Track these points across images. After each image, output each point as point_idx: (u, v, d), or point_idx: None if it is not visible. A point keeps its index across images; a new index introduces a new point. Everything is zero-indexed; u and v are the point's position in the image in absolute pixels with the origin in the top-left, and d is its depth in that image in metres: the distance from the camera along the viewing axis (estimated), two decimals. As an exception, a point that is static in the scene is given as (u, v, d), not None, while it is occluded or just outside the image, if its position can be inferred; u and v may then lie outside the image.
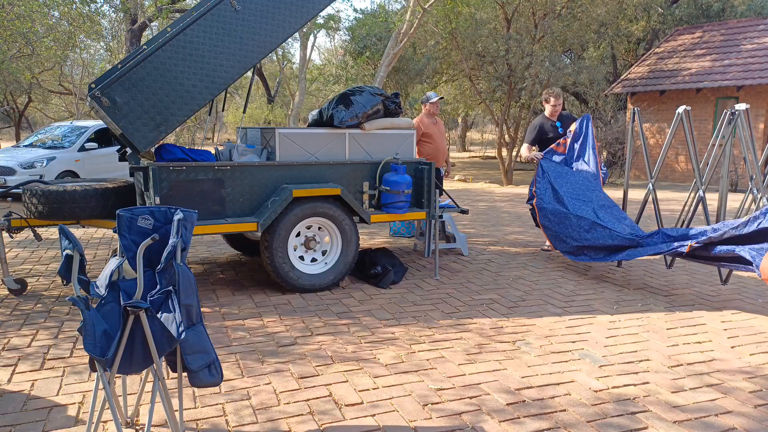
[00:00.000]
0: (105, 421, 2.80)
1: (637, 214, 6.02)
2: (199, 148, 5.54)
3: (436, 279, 5.41)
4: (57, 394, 3.08)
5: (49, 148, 10.99)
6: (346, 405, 3.00)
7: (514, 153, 15.74)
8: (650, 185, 5.89)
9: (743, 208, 5.95)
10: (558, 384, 3.27)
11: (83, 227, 7.75)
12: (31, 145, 11.39)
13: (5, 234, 6.80)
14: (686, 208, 6.00)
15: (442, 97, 7.02)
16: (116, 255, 2.66)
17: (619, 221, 5.44)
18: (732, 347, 3.84)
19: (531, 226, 8.24)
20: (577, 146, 6.17)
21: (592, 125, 6.25)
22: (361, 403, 3.02)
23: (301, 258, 4.95)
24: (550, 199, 5.92)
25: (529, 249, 6.71)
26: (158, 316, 2.40)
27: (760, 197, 5.09)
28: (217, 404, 3.00)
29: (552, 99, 6.37)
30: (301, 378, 3.31)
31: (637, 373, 3.43)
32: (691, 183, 15.42)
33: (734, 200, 11.30)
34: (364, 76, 19.42)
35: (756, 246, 4.35)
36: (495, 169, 19.50)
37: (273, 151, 4.94)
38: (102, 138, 11.30)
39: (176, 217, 2.43)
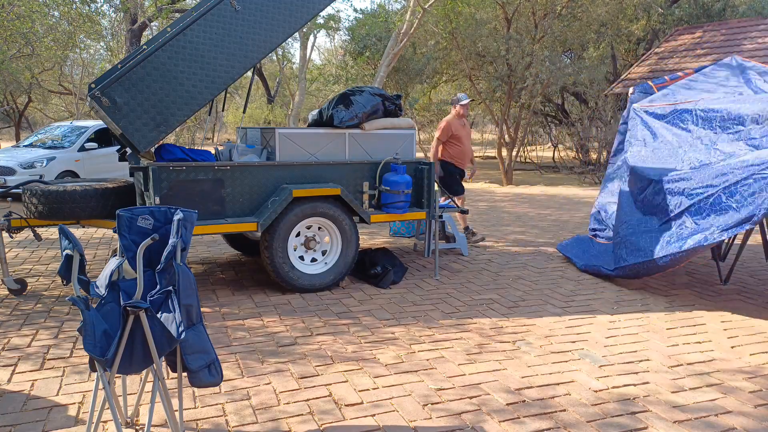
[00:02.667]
0: (105, 421, 2.80)
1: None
2: (199, 148, 5.54)
3: (436, 279, 5.41)
4: (57, 394, 3.08)
5: (49, 148, 10.99)
6: (346, 405, 3.00)
7: (514, 153, 15.74)
8: None
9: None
10: (558, 384, 3.27)
11: (83, 227, 7.75)
12: (31, 145, 11.39)
13: (5, 234, 6.79)
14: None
15: (473, 99, 7.23)
16: (116, 255, 2.66)
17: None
18: (732, 347, 3.84)
19: (531, 226, 8.24)
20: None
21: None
22: (361, 403, 3.02)
23: (301, 258, 4.95)
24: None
25: (529, 249, 6.71)
26: (158, 316, 2.40)
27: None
28: (217, 404, 2.99)
29: None
30: (302, 378, 3.31)
31: (637, 373, 3.43)
32: (691, 183, 15.34)
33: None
34: (364, 76, 19.41)
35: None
36: (495, 169, 19.50)
37: (273, 151, 4.94)
38: (102, 138, 11.30)
39: (176, 217, 2.43)
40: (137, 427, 2.76)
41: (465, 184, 14.48)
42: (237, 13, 4.51)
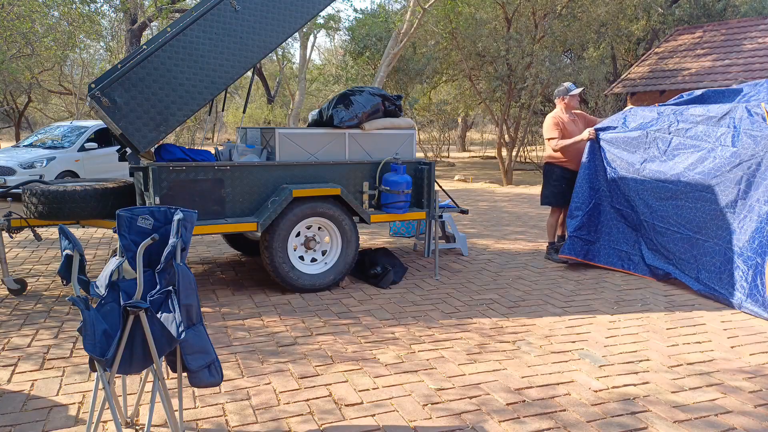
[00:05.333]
0: (105, 421, 2.80)
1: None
2: (199, 148, 5.54)
3: (436, 279, 5.41)
4: (57, 394, 3.08)
5: (49, 148, 10.99)
6: (346, 405, 3.00)
7: (513, 153, 15.74)
8: None
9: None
10: (558, 384, 3.27)
11: (83, 227, 7.75)
12: (31, 145, 11.40)
13: (5, 234, 6.79)
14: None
15: (584, 88, 6.13)
16: (116, 255, 2.66)
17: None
18: (732, 347, 3.84)
19: (531, 225, 8.24)
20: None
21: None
22: (362, 403, 3.02)
23: (301, 258, 4.95)
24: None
25: (529, 249, 6.71)
26: (158, 316, 2.40)
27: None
28: (217, 404, 2.99)
29: None
30: (302, 378, 3.31)
31: (637, 372, 3.43)
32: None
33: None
34: (364, 76, 19.42)
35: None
36: (495, 169, 19.50)
37: (273, 151, 4.94)
38: (102, 138, 11.30)
39: (176, 217, 2.43)
40: (137, 427, 2.76)
41: (465, 185, 14.49)
42: (237, 13, 4.51)
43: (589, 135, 5.71)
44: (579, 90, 5.86)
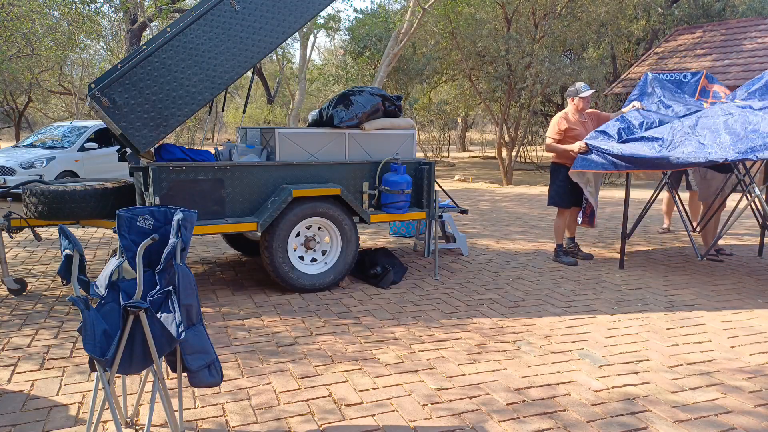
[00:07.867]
0: (105, 421, 2.80)
1: (639, 214, 6.01)
2: (199, 148, 5.54)
3: (436, 279, 5.41)
4: (57, 394, 3.08)
5: (49, 148, 10.99)
6: (346, 405, 3.00)
7: (513, 153, 15.74)
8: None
9: (737, 208, 5.95)
10: (558, 384, 3.27)
11: (83, 227, 7.75)
12: (31, 145, 11.40)
13: (5, 234, 6.79)
14: (682, 207, 6.03)
15: (596, 90, 6.34)
16: (116, 255, 2.66)
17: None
18: (732, 347, 3.84)
19: (532, 225, 8.24)
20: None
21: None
22: (362, 403, 3.02)
23: (301, 258, 4.95)
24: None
25: (530, 249, 6.71)
26: (158, 316, 2.40)
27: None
28: (217, 404, 2.99)
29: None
30: (302, 378, 3.31)
31: (637, 373, 3.43)
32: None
33: (731, 200, 11.29)
34: (364, 76, 19.42)
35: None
36: (495, 169, 19.50)
37: (273, 151, 4.94)
38: (102, 138, 11.30)
39: (176, 217, 2.43)
40: (137, 427, 2.76)
41: (465, 185, 14.49)
42: (237, 13, 4.51)
43: (579, 148, 5.52)
44: (590, 93, 5.72)
